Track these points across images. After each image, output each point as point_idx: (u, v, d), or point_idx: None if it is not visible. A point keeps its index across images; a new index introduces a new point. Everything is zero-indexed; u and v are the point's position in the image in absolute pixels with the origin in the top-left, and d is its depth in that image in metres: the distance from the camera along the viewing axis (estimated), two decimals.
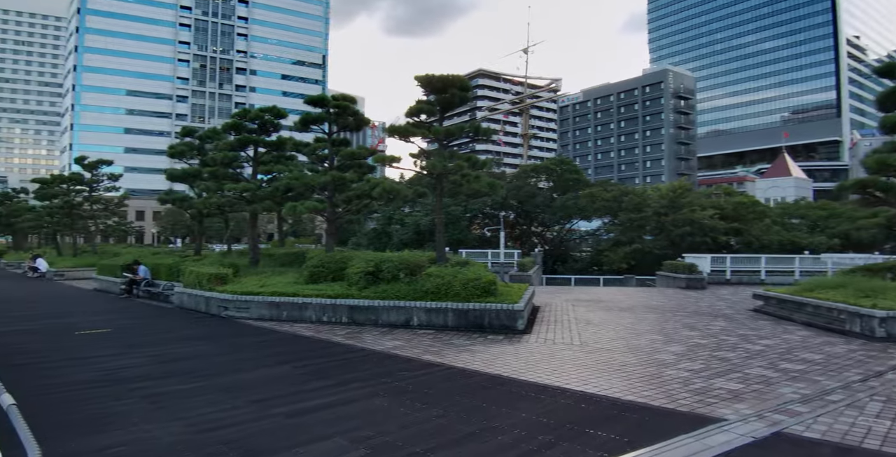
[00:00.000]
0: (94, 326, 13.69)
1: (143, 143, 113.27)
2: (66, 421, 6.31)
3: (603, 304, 17.91)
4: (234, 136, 19.60)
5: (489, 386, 7.68)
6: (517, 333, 11.97)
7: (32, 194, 43.24)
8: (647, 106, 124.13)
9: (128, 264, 21.36)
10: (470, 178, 14.11)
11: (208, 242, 59.22)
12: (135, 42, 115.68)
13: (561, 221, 50.10)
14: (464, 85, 14.52)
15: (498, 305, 12.30)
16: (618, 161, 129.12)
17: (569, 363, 9.02)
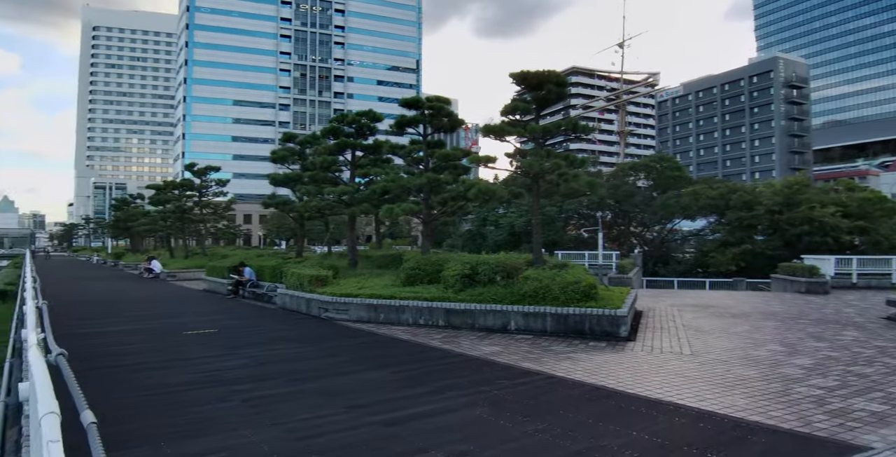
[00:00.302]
0: (202, 326, 14.28)
1: (250, 150, 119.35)
2: (166, 424, 6.44)
3: (712, 309, 16.79)
4: (333, 140, 20.04)
5: (594, 398, 7.21)
6: (620, 340, 11.35)
7: (148, 200, 46.44)
8: (754, 97, 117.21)
9: (234, 266, 22.29)
10: (568, 177, 13.59)
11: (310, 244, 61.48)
12: (239, 54, 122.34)
13: (661, 221, 48.04)
14: (560, 80, 14.02)
15: (599, 310, 11.72)
16: (722, 157, 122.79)
17: (680, 375, 8.37)
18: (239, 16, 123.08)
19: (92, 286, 29.45)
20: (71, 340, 12.60)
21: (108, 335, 13.38)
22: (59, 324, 15.31)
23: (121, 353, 11.04)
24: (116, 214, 66.60)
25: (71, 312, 18.02)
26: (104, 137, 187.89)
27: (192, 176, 40.37)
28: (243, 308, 18.59)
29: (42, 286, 25.56)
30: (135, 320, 16.04)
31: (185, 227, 42.04)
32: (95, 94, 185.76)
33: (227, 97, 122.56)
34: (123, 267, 47.70)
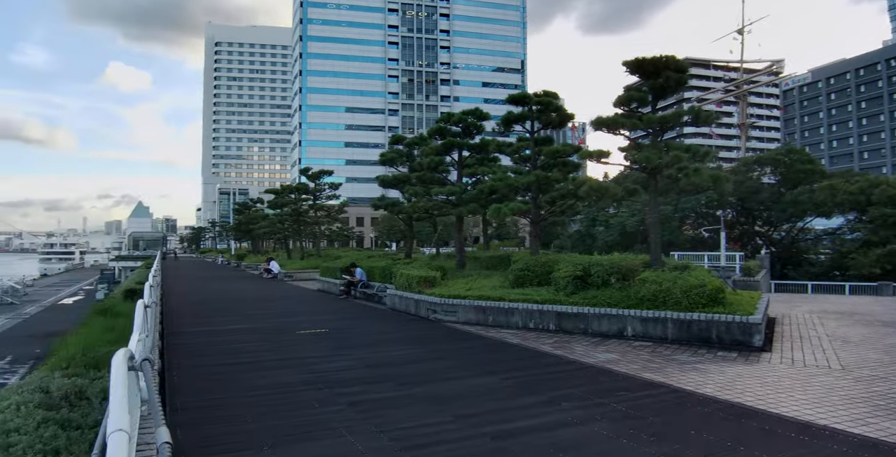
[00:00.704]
0: (314, 326, 14.51)
1: (361, 155, 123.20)
2: (274, 426, 6.35)
3: (858, 317, 15.02)
4: (440, 140, 19.93)
5: (730, 417, 6.40)
6: (753, 350, 10.25)
7: (267, 204, 48.89)
8: (894, 82, 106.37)
9: (346, 267, 22.72)
10: (688, 171, 12.56)
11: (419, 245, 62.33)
12: (350, 63, 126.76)
13: (791, 219, 44.32)
14: (679, 66, 12.98)
15: (729, 316, 10.67)
16: (858, 148, 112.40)
17: (832, 393, 7.32)
18: (348, 26, 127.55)
19: (216, 286, 31.26)
20: (197, 338, 13.21)
21: (229, 333, 13.92)
22: (185, 322, 16.19)
23: (240, 351, 11.36)
24: (238, 218, 70.84)
25: (196, 311, 19.10)
26: (227, 145, 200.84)
27: (306, 180, 42.01)
28: (354, 308, 18.84)
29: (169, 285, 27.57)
30: (253, 319, 16.61)
31: (300, 229, 43.86)
32: (219, 105, 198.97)
33: (339, 104, 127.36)
34: (245, 268, 50.46)
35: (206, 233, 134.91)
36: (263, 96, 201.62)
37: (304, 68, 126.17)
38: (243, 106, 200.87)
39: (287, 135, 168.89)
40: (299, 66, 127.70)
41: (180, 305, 20.66)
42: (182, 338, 13.20)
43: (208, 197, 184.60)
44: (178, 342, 12.47)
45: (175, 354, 11.08)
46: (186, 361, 10.41)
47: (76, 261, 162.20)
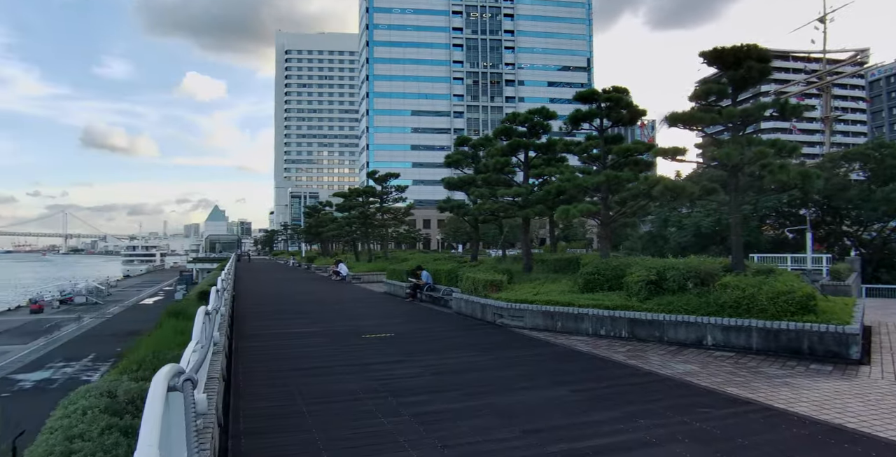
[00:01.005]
0: (380, 330, 14.40)
1: (427, 157, 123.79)
2: (336, 437, 6.17)
3: None
4: (505, 141, 19.53)
5: (833, 441, 5.73)
6: (850, 363, 9.37)
7: (335, 207, 49.66)
8: None
9: (412, 270, 22.62)
10: (773, 168, 11.68)
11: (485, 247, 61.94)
12: (415, 66, 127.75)
13: (883, 218, 41.32)
14: (762, 55, 12.09)
15: (822, 325, 9.80)
16: None
17: None
18: (413, 29, 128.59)
19: (286, 288, 31.89)
20: (264, 340, 13.31)
21: (297, 336, 14.02)
22: (255, 325, 16.41)
23: (305, 355, 11.35)
24: (308, 221, 72.43)
25: (266, 313, 19.40)
26: (298, 150, 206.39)
27: (373, 183, 42.43)
28: (420, 312, 18.68)
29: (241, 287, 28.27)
30: (320, 322, 16.73)
31: (368, 231, 44.32)
32: (290, 111, 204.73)
33: (405, 108, 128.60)
34: (315, 270, 51.41)
35: (279, 235, 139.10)
36: (332, 102, 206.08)
37: (371, 73, 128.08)
38: (313, 111, 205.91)
39: (355, 139, 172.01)
40: (366, 71, 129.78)
41: (251, 307, 21.09)
42: (250, 340, 13.35)
43: (280, 201, 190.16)
44: (246, 345, 12.60)
45: (242, 357, 11.16)
46: (253, 364, 10.45)
47: (157, 263, 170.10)
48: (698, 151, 14.10)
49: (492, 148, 20.49)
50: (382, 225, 43.88)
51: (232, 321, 16.61)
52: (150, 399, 2.39)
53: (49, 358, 34.68)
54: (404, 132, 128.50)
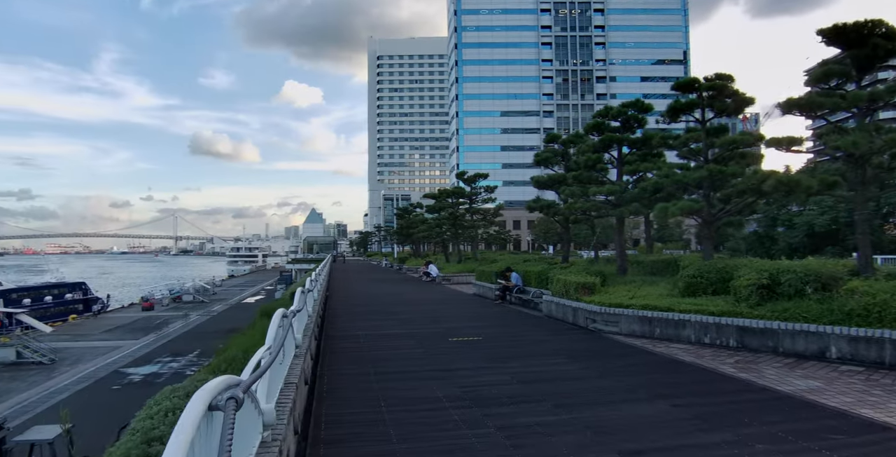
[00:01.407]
0: (467, 333, 14.01)
1: (517, 158, 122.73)
2: (417, 449, 5.82)
3: None
4: (597, 137, 18.63)
5: None
6: None
7: (425, 208, 49.90)
8: None
9: (501, 271, 22.11)
10: None
11: (576, 248, 60.44)
12: (504, 66, 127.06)
13: None
14: (891, 31, 10.68)
15: None
16: None
17: None
18: (502, 30, 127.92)
19: (377, 289, 32.17)
20: (352, 341, 13.22)
21: (384, 338, 13.88)
22: (344, 325, 16.44)
23: (391, 358, 11.13)
24: (400, 222, 73.38)
25: (356, 313, 19.51)
26: (391, 153, 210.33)
27: (463, 184, 42.28)
28: (509, 315, 18.15)
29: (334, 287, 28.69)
30: (408, 324, 16.56)
31: (458, 232, 44.18)
32: (382, 116, 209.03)
33: (494, 109, 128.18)
34: (406, 270, 51.88)
35: (372, 237, 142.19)
36: (423, 105, 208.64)
37: (460, 75, 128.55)
38: (404, 115, 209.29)
39: (446, 141, 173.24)
40: (455, 73, 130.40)
41: (342, 307, 21.30)
42: (339, 341, 13.32)
43: (374, 203, 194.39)
44: (334, 346, 12.56)
45: (329, 359, 11.07)
46: (339, 367, 10.32)
47: (259, 263, 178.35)
48: (815, 140, 12.69)
49: (583, 144, 19.62)
50: (472, 226, 43.59)
51: (322, 322, 16.73)
52: (181, 426, 2.05)
53: (157, 353, 36.79)
54: (494, 133, 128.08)
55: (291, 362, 7.11)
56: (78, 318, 57.72)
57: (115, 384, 29.06)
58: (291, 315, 6.15)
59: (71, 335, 46.46)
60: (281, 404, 5.27)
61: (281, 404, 5.23)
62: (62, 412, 14.60)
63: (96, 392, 27.86)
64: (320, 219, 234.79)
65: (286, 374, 6.33)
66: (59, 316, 56.91)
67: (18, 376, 32.45)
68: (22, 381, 31.28)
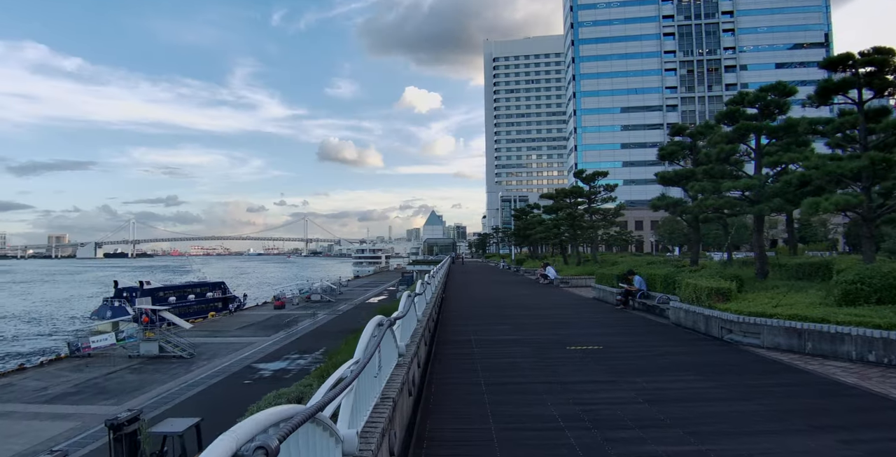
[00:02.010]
0: (586, 340, 13.06)
1: (638, 155, 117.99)
2: None
3: None
4: (730, 126, 16.86)
5: None
6: None
7: (542, 209, 48.73)
8: None
9: (623, 274, 20.79)
10: None
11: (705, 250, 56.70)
12: (622, 61, 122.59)
13: None
14: None
15: None
16: None
17: None
18: (619, 23, 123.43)
19: (493, 291, 31.61)
20: (464, 348, 12.69)
21: (498, 345, 13.26)
22: (457, 329, 15.97)
23: (504, 368, 10.50)
24: (517, 224, 72.48)
25: (470, 316, 19.01)
26: (508, 155, 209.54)
27: (581, 183, 40.79)
28: (632, 321, 16.88)
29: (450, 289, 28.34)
30: (524, 329, 15.78)
31: (576, 233, 42.63)
32: (499, 117, 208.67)
33: (613, 106, 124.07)
34: (524, 273, 50.96)
35: (490, 239, 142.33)
36: (539, 105, 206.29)
37: (577, 72, 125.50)
38: (521, 116, 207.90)
39: (563, 141, 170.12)
40: (572, 70, 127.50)
41: (456, 310, 20.91)
42: (449, 347, 12.84)
43: (492, 205, 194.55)
44: (444, 352, 12.10)
45: (439, 366, 10.60)
46: (449, 375, 9.83)
47: (382, 264, 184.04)
48: None
49: (714, 135, 17.85)
50: (591, 226, 41.85)
51: (436, 326, 16.36)
52: None
53: (286, 350, 38.39)
54: (613, 130, 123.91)
55: (392, 372, 6.64)
56: (216, 315, 61.92)
57: (246, 379, 30.50)
58: (387, 323, 5.63)
59: (209, 331, 49.79)
60: (373, 423, 4.76)
61: (373, 424, 4.72)
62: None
63: (229, 386, 29.36)
64: (440, 221, 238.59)
65: (383, 387, 5.84)
66: (200, 313, 61.53)
67: (161, 368, 35.05)
68: (164, 373, 33.73)
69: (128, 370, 35.46)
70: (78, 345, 39.61)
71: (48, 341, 52.53)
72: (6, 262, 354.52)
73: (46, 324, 66.55)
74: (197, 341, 42.32)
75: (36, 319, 72.14)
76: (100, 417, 25.42)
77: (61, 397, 29.59)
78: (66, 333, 53.09)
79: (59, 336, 52.13)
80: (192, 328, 50.57)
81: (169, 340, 39.18)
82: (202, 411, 21.60)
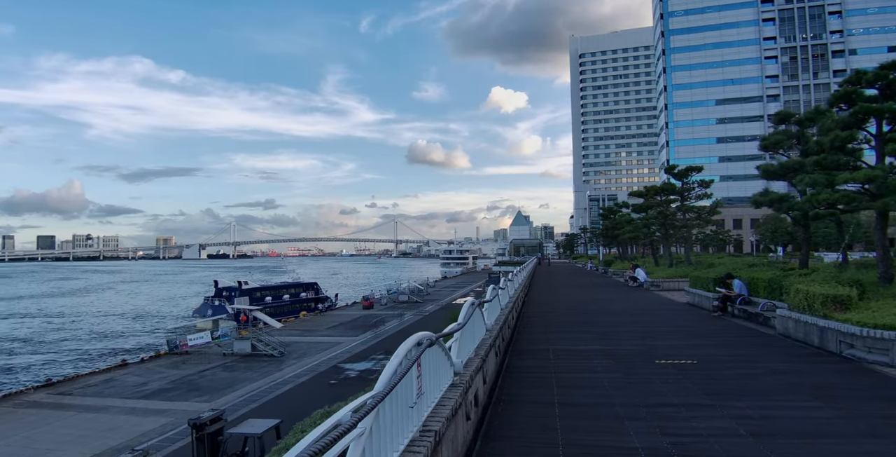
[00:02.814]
0: (678, 353, 11.68)
1: (736, 150, 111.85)
2: None
3: None
4: (845, 110, 14.84)
5: None
6: None
7: (632, 208, 46.41)
8: None
9: (720, 278, 18.98)
10: None
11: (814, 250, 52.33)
12: (717, 50, 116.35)
13: None
14: None
15: None
16: None
17: None
18: (713, 10, 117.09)
19: (578, 294, 30.14)
20: (540, 359, 11.70)
21: (578, 356, 12.15)
22: (535, 338, 14.87)
23: (583, 384, 9.44)
24: (605, 223, 69.91)
25: (551, 323, 17.85)
26: (596, 153, 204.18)
27: (673, 179, 38.36)
28: (731, 331, 15.21)
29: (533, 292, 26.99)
30: (608, 338, 14.53)
31: (668, 233, 40.09)
32: (586, 115, 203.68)
33: (708, 98, 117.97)
34: (612, 274, 48.88)
35: (578, 239, 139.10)
36: (628, 101, 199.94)
37: (668, 64, 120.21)
38: (609, 113, 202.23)
39: (654, 137, 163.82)
40: (662, 63, 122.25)
41: (537, 315, 19.82)
42: (525, 358, 11.86)
43: (579, 205, 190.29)
44: (519, 364, 11.15)
45: (511, 381, 9.67)
46: (519, 390, 8.90)
47: (469, 265, 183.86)
48: None
49: (827, 121, 15.81)
50: (684, 225, 39.20)
51: (513, 333, 15.39)
52: None
53: (372, 350, 38.40)
54: (708, 124, 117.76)
55: (444, 395, 5.76)
56: (307, 314, 63.38)
57: (332, 379, 30.57)
58: (427, 342, 4.75)
59: (300, 330, 50.87)
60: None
61: None
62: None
63: (315, 386, 29.52)
64: (526, 221, 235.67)
65: (427, 415, 4.98)
66: (293, 313, 63.36)
67: (252, 366, 35.96)
68: (254, 371, 34.57)
69: (221, 368, 36.57)
70: (176, 342, 41.37)
71: (151, 338, 55.55)
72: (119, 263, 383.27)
73: (150, 321, 70.64)
74: (288, 340, 43.26)
75: (141, 316, 76.81)
76: (191, 413, 26.23)
77: (157, 393, 30.76)
78: (167, 331, 55.97)
79: (161, 333, 54.95)
80: (283, 327, 51.85)
81: (261, 339, 40.20)
82: (285, 411, 21.66)
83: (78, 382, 33.92)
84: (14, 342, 56.50)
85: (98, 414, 27.22)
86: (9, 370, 42.91)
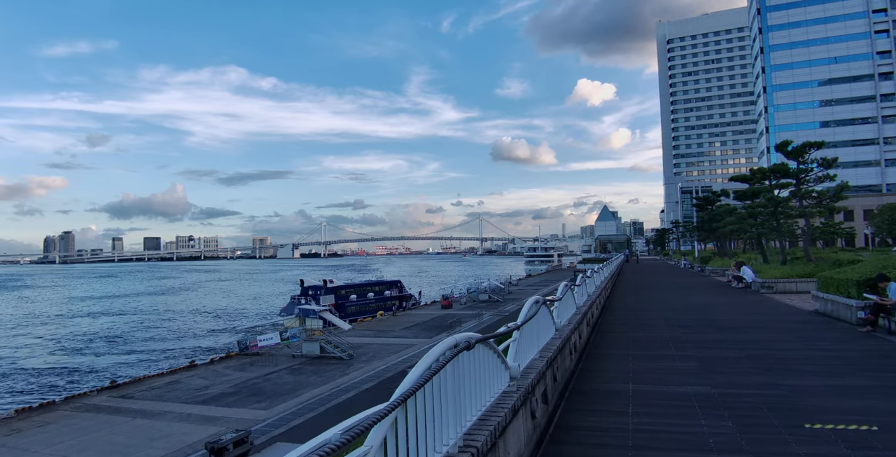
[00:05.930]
0: (837, 406, 7.44)
1: (843, 134, 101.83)
2: None
3: None
4: None
5: None
6: None
7: (732, 196, 40.75)
8: None
9: (870, 280, 14.49)
10: None
11: None
12: (820, 26, 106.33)
13: None
14: None
15: None
16: None
17: None
18: None
19: (670, 298, 25.56)
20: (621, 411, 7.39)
21: (669, 401, 8.05)
22: (613, 367, 10.30)
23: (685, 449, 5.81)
24: (701, 215, 63.91)
25: (630, 340, 13.73)
26: (687, 143, 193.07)
27: (785, 159, 32.19)
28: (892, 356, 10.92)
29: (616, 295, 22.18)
30: (718, 370, 9.98)
31: (779, 224, 33.89)
32: (676, 104, 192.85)
33: (810, 79, 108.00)
34: (710, 273, 43.48)
35: (669, 234, 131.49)
36: (722, 87, 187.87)
37: (766, 44, 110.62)
38: (700, 100, 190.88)
39: (751, 124, 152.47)
40: (759, 43, 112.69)
41: (617, 328, 15.97)
42: (588, 405, 7.93)
43: (670, 198, 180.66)
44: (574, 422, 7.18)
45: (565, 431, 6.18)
46: None
47: (554, 263, 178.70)
48: None
49: None
50: (802, 214, 32.79)
51: (583, 350, 11.87)
52: None
53: None
54: (811, 107, 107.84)
55: None
56: (383, 314, 61.75)
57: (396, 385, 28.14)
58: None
59: (374, 331, 49.23)
60: None
61: None
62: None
63: (378, 393, 27.34)
64: (612, 217, 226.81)
65: None
66: (378, 311, 63.00)
67: (319, 370, 34.47)
68: (319, 375, 33.02)
69: (287, 371, 35.26)
70: (247, 343, 40.76)
71: (229, 336, 55.57)
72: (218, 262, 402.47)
73: (235, 320, 71.39)
74: (360, 342, 41.82)
75: (228, 314, 77.94)
76: (246, 422, 24.69)
77: (217, 397, 29.62)
78: (243, 330, 55.73)
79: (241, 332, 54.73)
80: (358, 327, 50.50)
81: (330, 341, 38.60)
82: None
83: (142, 384, 33.44)
84: (98, 341, 57.88)
85: (151, 420, 26.21)
86: (83, 370, 43.32)
